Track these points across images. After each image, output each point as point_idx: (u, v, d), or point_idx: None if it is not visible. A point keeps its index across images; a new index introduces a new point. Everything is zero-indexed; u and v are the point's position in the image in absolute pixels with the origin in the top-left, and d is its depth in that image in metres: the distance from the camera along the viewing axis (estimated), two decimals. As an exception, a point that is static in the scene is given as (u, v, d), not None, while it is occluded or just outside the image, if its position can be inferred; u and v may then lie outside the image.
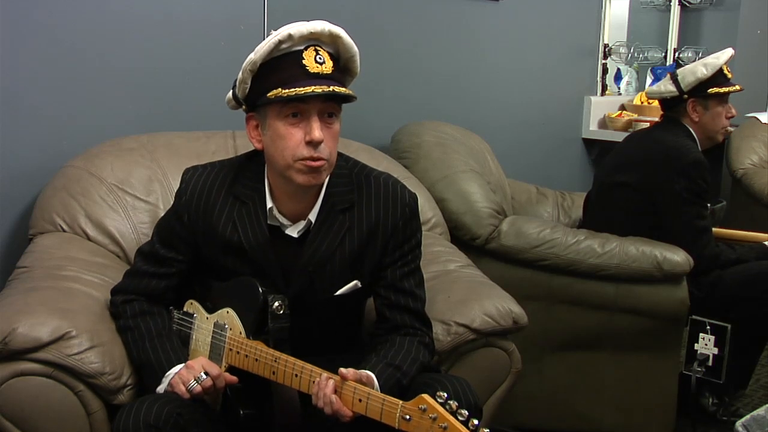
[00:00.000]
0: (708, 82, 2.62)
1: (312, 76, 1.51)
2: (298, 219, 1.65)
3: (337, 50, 1.58)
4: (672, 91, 2.65)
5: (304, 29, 1.51)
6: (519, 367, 1.93)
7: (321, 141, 1.53)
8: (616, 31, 3.99)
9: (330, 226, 1.64)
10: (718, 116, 2.66)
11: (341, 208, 1.65)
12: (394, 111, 2.97)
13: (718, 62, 2.63)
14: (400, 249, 1.69)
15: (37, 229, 2.00)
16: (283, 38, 1.50)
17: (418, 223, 1.74)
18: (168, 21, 2.37)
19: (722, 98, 2.66)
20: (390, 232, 1.67)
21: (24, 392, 1.55)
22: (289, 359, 1.54)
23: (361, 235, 1.66)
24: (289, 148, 1.54)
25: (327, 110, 1.56)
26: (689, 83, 2.62)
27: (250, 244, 1.64)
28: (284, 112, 1.54)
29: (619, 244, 2.44)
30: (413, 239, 1.71)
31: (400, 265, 1.69)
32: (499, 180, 2.90)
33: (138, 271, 1.72)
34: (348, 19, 2.76)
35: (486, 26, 3.31)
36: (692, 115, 2.66)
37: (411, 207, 1.70)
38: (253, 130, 1.62)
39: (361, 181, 1.69)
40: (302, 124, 1.54)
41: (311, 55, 1.52)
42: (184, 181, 1.71)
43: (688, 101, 2.64)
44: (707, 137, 2.69)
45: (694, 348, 2.38)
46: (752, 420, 1.60)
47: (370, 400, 1.44)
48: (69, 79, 2.19)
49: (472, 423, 1.35)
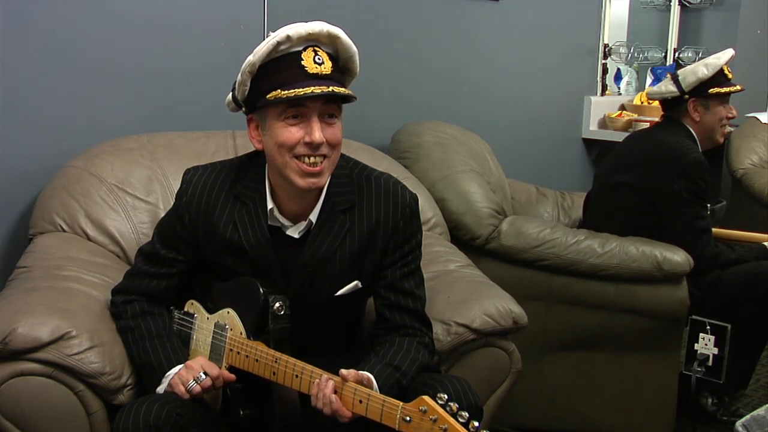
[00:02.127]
0: (709, 82, 2.62)
1: (311, 77, 1.51)
2: (299, 219, 1.65)
3: (335, 50, 1.58)
4: (673, 91, 2.65)
5: (303, 30, 1.51)
6: (519, 367, 1.93)
7: (321, 143, 1.53)
8: (616, 31, 3.99)
9: (331, 227, 1.64)
10: (718, 116, 2.67)
11: (342, 209, 1.65)
12: (394, 111, 2.97)
13: (719, 62, 2.63)
14: (400, 249, 1.69)
15: (37, 229, 2.00)
16: (281, 39, 1.50)
17: (419, 223, 1.74)
18: (168, 21, 2.37)
19: (723, 98, 2.66)
20: (390, 232, 1.67)
21: (24, 392, 1.55)
22: (289, 360, 1.54)
23: (361, 236, 1.66)
24: (287, 147, 1.54)
25: (327, 111, 1.56)
26: (690, 83, 2.62)
27: (251, 244, 1.64)
28: (284, 113, 1.54)
29: (619, 244, 2.44)
30: (413, 239, 1.71)
31: (401, 265, 1.69)
32: (499, 180, 2.90)
33: (138, 271, 1.72)
34: (348, 19, 2.76)
35: (486, 26, 3.31)
36: (693, 115, 2.66)
37: (411, 207, 1.70)
38: (254, 131, 1.62)
39: (361, 182, 1.69)
40: (302, 125, 1.54)
41: (310, 55, 1.52)
42: (185, 181, 1.71)
43: (689, 101, 2.64)
44: (707, 137, 2.69)
45: (694, 348, 2.38)
46: (752, 420, 1.60)
47: (371, 402, 1.43)
48: (69, 79, 2.19)
49: (473, 425, 1.34)
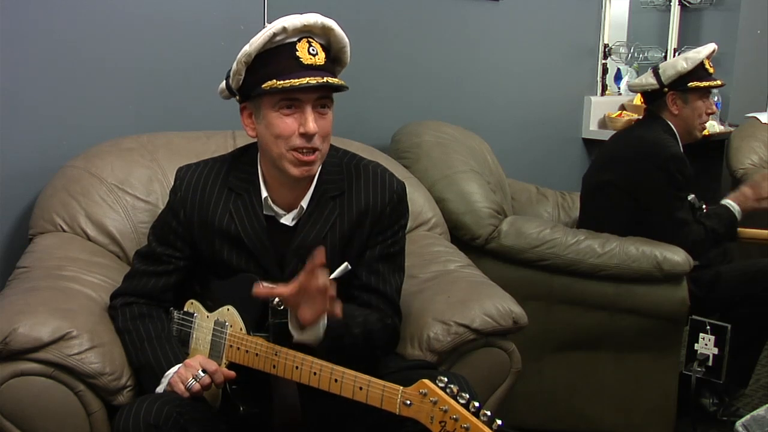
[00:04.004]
0: (688, 76, 2.62)
1: (306, 68, 1.54)
2: (291, 208, 1.68)
3: (328, 41, 1.61)
4: (653, 84, 2.66)
5: (298, 22, 1.55)
6: (519, 367, 1.93)
7: (315, 133, 1.57)
8: (616, 31, 3.99)
9: (321, 212, 1.67)
10: (697, 111, 2.66)
11: (332, 195, 1.69)
12: (394, 111, 2.97)
13: (699, 56, 2.63)
14: (383, 233, 1.71)
15: (37, 229, 2.00)
16: (277, 31, 1.53)
17: (405, 208, 1.76)
18: (168, 21, 2.37)
19: (702, 92, 2.65)
20: (378, 216, 1.70)
21: (24, 392, 1.55)
22: (289, 352, 1.54)
23: (351, 220, 1.69)
24: (283, 138, 1.58)
25: (321, 102, 1.59)
26: (669, 76, 2.62)
27: (248, 233, 1.66)
28: (279, 103, 1.57)
29: (619, 244, 2.44)
30: (397, 224, 1.73)
31: (380, 248, 1.71)
32: (499, 180, 2.90)
33: (137, 272, 1.73)
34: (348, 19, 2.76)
35: (486, 26, 3.31)
36: (671, 108, 2.65)
37: (399, 193, 1.73)
38: (247, 118, 1.65)
39: (351, 170, 1.73)
40: (296, 115, 1.57)
41: (304, 47, 1.55)
42: (178, 178, 1.74)
43: (668, 94, 2.64)
44: (686, 132, 2.68)
45: (694, 348, 2.38)
46: (752, 420, 1.60)
47: (371, 388, 1.44)
48: (69, 79, 2.19)
49: (473, 405, 1.35)
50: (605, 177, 2.67)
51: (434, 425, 1.37)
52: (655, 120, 2.69)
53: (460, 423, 1.35)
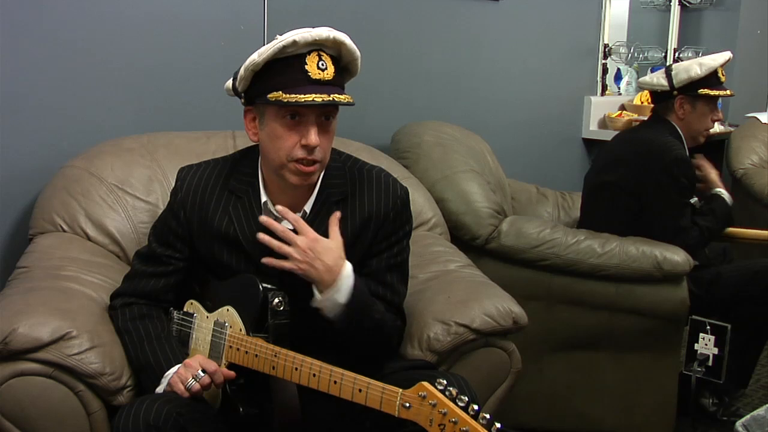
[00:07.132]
0: (700, 82, 2.61)
1: (313, 83, 1.54)
2: (293, 211, 1.67)
3: (339, 54, 1.60)
4: (663, 85, 2.65)
5: (309, 36, 1.53)
6: (519, 367, 1.93)
7: (317, 146, 1.57)
8: (616, 31, 3.99)
9: (324, 217, 1.66)
10: (703, 117, 2.65)
11: (335, 200, 1.69)
12: (394, 111, 2.97)
13: (714, 64, 2.62)
14: (387, 240, 1.70)
15: (37, 229, 2.00)
16: (287, 44, 1.52)
17: (409, 214, 1.76)
18: (168, 21, 2.37)
19: (711, 100, 2.64)
20: (381, 222, 1.69)
21: (24, 392, 1.55)
22: (288, 353, 1.54)
23: (354, 225, 1.68)
24: (284, 148, 1.57)
25: (325, 113, 1.58)
26: (681, 80, 2.62)
27: (246, 237, 1.66)
28: (283, 114, 1.57)
29: (619, 244, 2.44)
30: (401, 231, 1.73)
31: (387, 256, 1.71)
32: (499, 180, 2.90)
33: (136, 272, 1.73)
34: (348, 19, 2.77)
35: (486, 26, 3.31)
36: (678, 112, 2.65)
37: (402, 199, 1.73)
38: (250, 122, 1.65)
39: (354, 174, 1.72)
40: (300, 127, 1.57)
41: (314, 60, 1.54)
42: (179, 179, 1.74)
43: (677, 98, 2.64)
44: (691, 136, 2.68)
45: (694, 348, 2.38)
46: (752, 420, 1.60)
47: (370, 390, 1.44)
48: (69, 79, 2.19)
49: (472, 408, 1.35)
50: (608, 177, 2.67)
51: (433, 428, 1.37)
52: (661, 122, 2.68)
53: (459, 426, 1.35)
